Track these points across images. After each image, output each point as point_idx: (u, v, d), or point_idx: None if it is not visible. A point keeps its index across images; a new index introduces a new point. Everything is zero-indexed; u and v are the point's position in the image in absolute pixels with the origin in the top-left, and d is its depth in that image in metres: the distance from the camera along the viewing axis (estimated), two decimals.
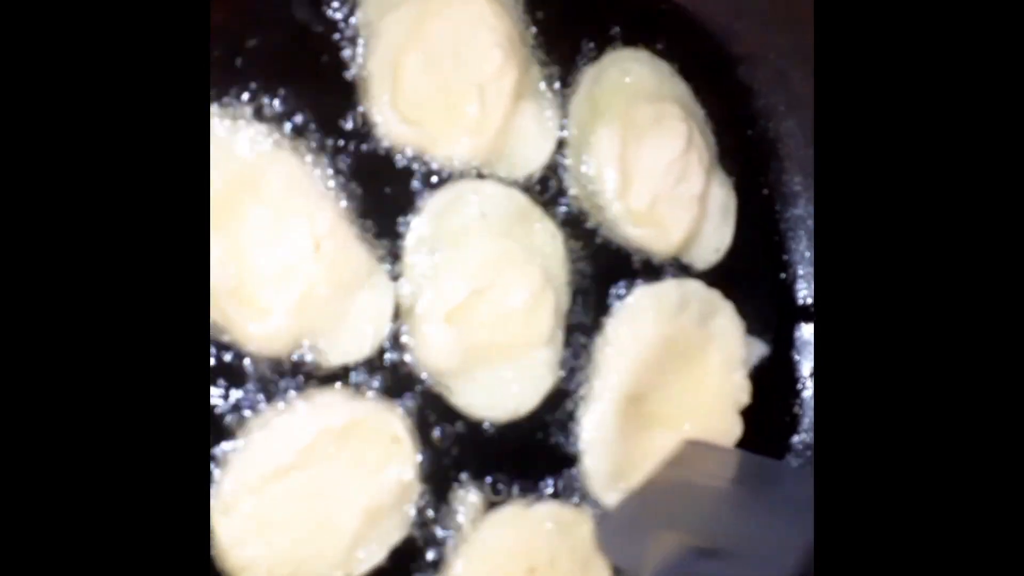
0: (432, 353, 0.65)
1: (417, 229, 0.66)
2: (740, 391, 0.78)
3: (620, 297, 0.74)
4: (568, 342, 0.71)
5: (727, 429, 0.77)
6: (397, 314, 0.66)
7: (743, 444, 0.77)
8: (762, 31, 0.80)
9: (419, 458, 0.65)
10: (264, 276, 0.61)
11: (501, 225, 0.68)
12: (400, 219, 0.67)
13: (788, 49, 0.80)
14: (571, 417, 0.71)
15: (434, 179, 0.68)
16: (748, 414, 0.78)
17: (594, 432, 0.71)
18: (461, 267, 0.66)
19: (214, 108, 0.61)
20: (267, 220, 0.61)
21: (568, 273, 0.71)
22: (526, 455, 0.70)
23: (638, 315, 0.73)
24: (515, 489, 0.69)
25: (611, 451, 0.71)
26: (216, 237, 0.58)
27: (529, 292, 0.67)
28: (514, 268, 0.67)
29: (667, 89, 0.77)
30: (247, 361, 0.62)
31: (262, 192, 0.61)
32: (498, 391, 0.68)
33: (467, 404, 0.67)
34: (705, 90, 0.80)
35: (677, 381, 0.74)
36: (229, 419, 0.62)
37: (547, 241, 0.70)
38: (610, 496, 0.71)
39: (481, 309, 0.66)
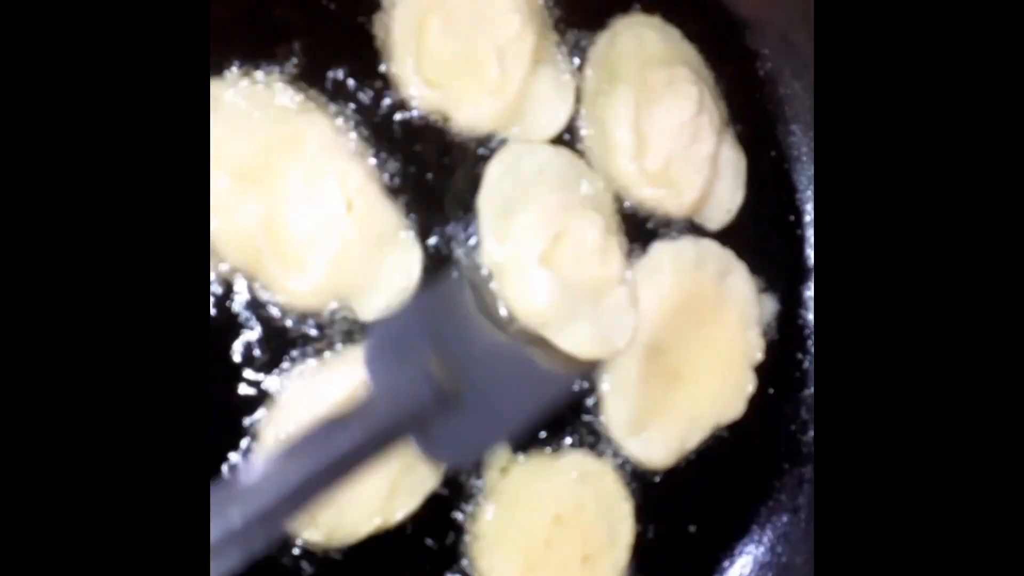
0: (534, 297, 0.68)
1: (486, 194, 0.70)
2: (754, 348, 0.80)
3: (637, 254, 0.76)
4: None
5: (741, 385, 0.80)
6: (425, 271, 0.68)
7: (755, 400, 0.80)
8: None
9: None
10: (301, 233, 0.63)
11: (557, 180, 0.71)
12: (428, 176, 0.69)
13: (793, 14, 0.82)
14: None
15: (455, 138, 0.70)
16: (760, 370, 0.81)
17: (616, 382, 0.73)
18: (536, 217, 0.69)
19: (249, 72, 0.63)
20: (302, 179, 0.63)
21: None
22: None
23: (657, 270, 0.75)
24: (540, 439, 0.72)
25: (632, 400, 0.73)
26: (255, 196, 0.60)
27: (599, 232, 0.70)
28: (579, 213, 0.70)
29: (678, 53, 0.79)
30: (282, 316, 0.64)
31: (298, 153, 0.63)
32: (597, 329, 0.71)
33: (575, 345, 0.70)
34: (713, 54, 0.82)
35: (696, 336, 0.77)
36: (266, 374, 0.64)
37: (595, 191, 0.74)
38: (632, 443, 0.74)
39: (564, 252, 0.69)
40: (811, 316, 0.87)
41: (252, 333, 0.64)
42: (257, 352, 0.64)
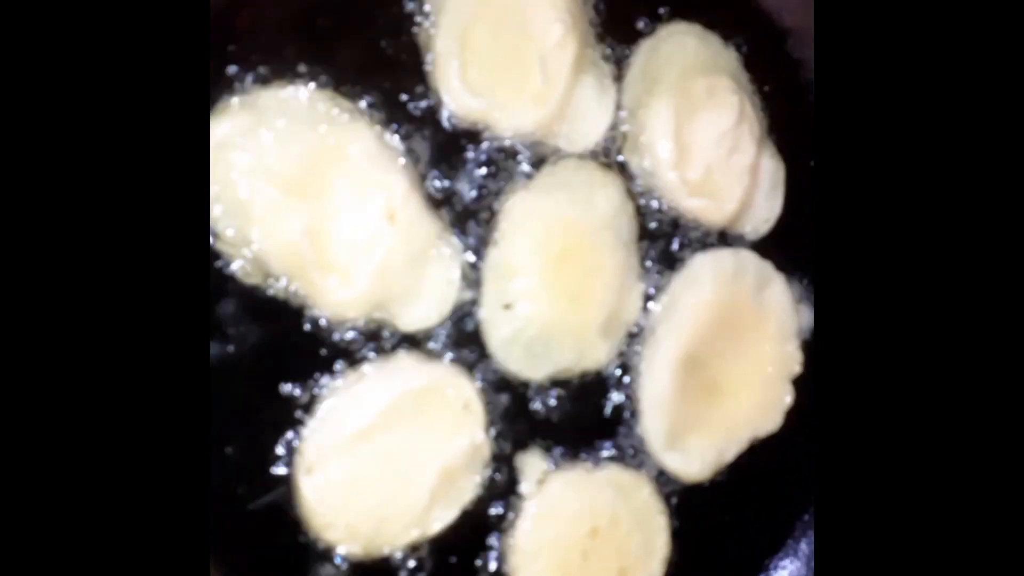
0: None
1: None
2: (792, 360, 0.79)
3: (676, 265, 0.75)
4: None
5: (779, 397, 0.79)
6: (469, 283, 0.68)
7: (792, 412, 0.79)
8: (810, 5, 0.81)
9: (489, 423, 0.68)
10: (345, 244, 0.63)
11: None
12: (466, 187, 0.69)
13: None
14: (630, 379, 0.73)
15: (499, 149, 0.70)
16: (797, 382, 0.80)
17: (653, 394, 0.73)
18: None
19: (294, 82, 0.63)
20: (347, 191, 0.63)
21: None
22: (587, 417, 0.72)
23: (697, 281, 0.74)
24: (578, 452, 0.71)
25: (670, 412, 0.73)
26: (300, 207, 0.60)
27: None
28: None
29: (719, 62, 0.79)
30: (327, 325, 0.64)
31: (342, 164, 0.63)
32: None
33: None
34: (754, 63, 0.81)
35: (734, 349, 0.76)
36: (311, 382, 0.64)
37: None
38: (670, 456, 0.73)
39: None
40: None
41: (291, 343, 0.64)
42: (297, 363, 0.64)
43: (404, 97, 0.68)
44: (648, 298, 0.74)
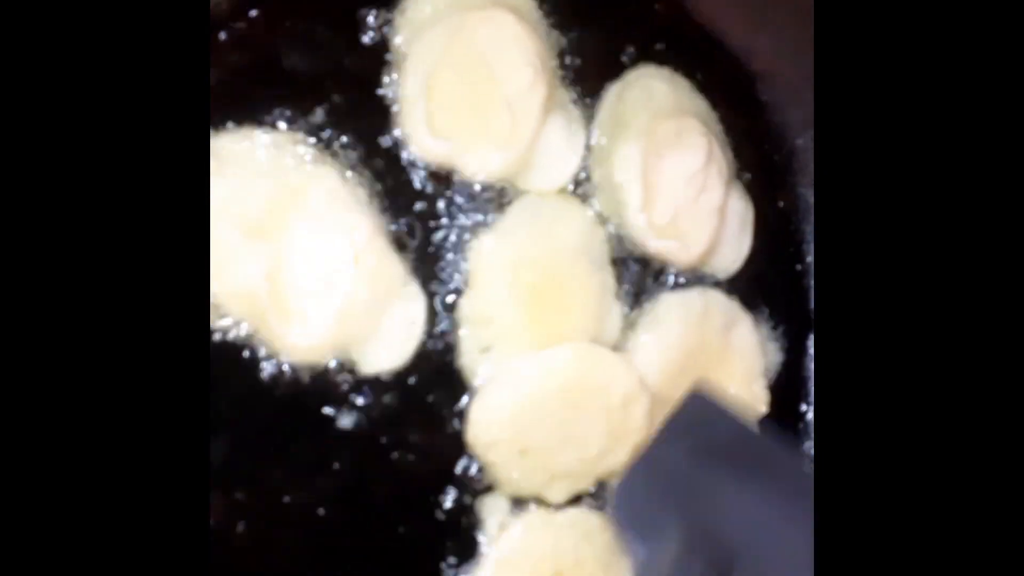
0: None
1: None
2: (759, 401, 0.80)
3: (643, 305, 0.76)
4: None
5: None
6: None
7: None
8: (777, 49, 0.83)
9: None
10: (306, 287, 0.63)
11: None
12: (431, 227, 0.69)
13: (802, 66, 0.82)
14: None
15: (467, 192, 0.70)
16: (763, 422, 0.80)
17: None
18: None
19: (258, 127, 0.63)
20: (309, 233, 0.63)
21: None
22: None
23: (664, 321, 0.75)
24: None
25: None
26: (260, 249, 0.59)
27: None
28: None
29: (687, 105, 0.79)
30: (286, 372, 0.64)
31: (305, 206, 0.63)
32: None
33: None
34: (723, 106, 0.82)
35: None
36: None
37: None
38: None
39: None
40: (812, 366, 0.86)
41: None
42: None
43: (369, 140, 0.68)
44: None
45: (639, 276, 0.76)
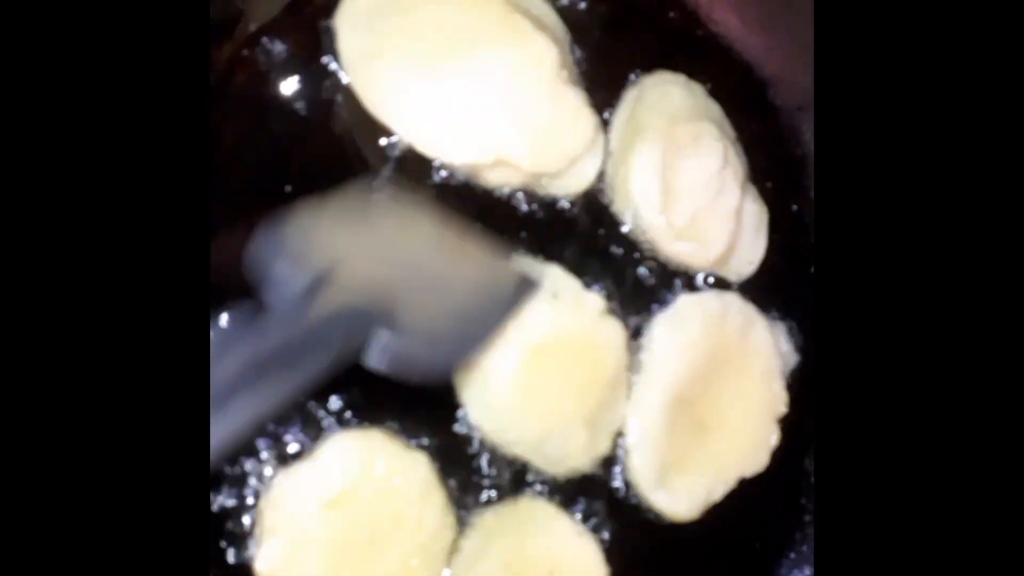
0: None
1: None
2: (778, 401, 0.80)
3: (661, 306, 0.77)
4: None
5: (766, 437, 0.80)
6: None
7: (778, 452, 0.80)
8: (789, 54, 0.84)
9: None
10: None
11: None
12: None
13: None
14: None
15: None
16: (783, 421, 0.81)
17: (641, 434, 0.73)
18: None
19: None
20: None
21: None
22: None
23: (683, 322, 0.76)
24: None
25: (658, 451, 0.74)
26: None
27: None
28: None
29: (702, 110, 0.81)
30: None
31: None
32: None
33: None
34: (736, 111, 0.83)
35: (721, 388, 0.77)
36: None
37: None
38: (657, 495, 0.74)
39: None
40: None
41: None
42: None
43: None
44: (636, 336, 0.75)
45: (658, 278, 0.77)
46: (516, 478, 0.71)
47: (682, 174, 0.77)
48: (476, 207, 0.71)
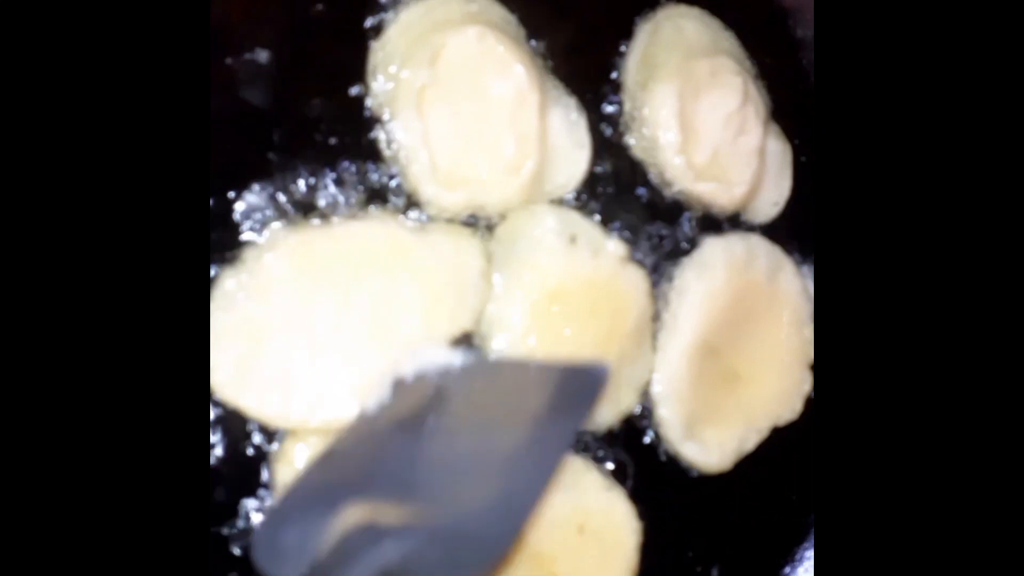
0: None
1: None
2: (809, 346, 0.77)
3: (685, 251, 0.74)
4: None
5: (798, 384, 0.77)
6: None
7: (811, 399, 0.77)
8: None
9: None
10: None
11: None
12: None
13: None
14: None
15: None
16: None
17: (669, 382, 0.71)
18: None
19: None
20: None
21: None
22: None
23: (708, 266, 0.73)
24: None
25: (686, 402, 0.71)
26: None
27: None
28: None
29: (719, 44, 0.77)
30: None
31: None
32: None
33: None
34: (754, 44, 0.80)
35: (750, 335, 0.74)
36: None
37: None
38: (688, 447, 0.71)
39: None
40: None
41: None
42: None
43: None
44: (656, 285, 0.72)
45: (681, 222, 0.74)
46: None
47: (701, 111, 0.74)
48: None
